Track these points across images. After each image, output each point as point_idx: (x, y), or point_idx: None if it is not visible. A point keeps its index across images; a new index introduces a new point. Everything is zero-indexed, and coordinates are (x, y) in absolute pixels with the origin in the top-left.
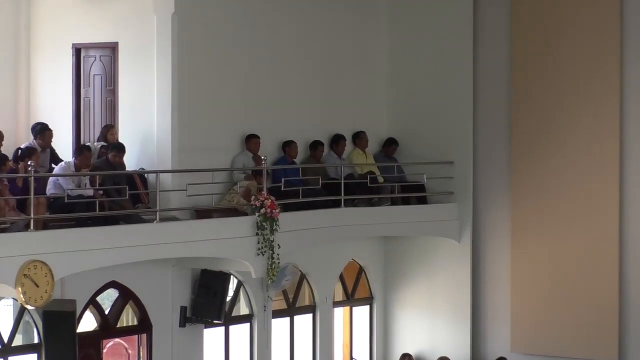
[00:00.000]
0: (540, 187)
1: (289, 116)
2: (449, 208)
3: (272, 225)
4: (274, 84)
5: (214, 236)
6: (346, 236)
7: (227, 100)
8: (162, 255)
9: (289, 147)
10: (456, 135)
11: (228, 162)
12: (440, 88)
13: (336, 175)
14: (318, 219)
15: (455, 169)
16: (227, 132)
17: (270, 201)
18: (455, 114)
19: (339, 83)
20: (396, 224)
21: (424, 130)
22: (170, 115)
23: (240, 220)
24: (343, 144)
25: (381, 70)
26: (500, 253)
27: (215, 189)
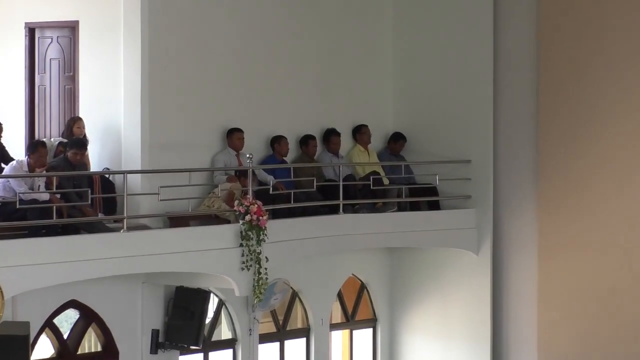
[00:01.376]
0: (572, 190)
1: (278, 108)
2: (466, 215)
3: (259, 234)
4: (261, 71)
5: (191, 247)
6: (345, 247)
7: (206, 90)
8: (130, 270)
9: (278, 143)
10: (474, 130)
11: (207, 162)
12: (456, 76)
13: (334, 176)
14: (313, 227)
15: (472, 169)
16: (206, 126)
17: (257, 207)
18: (472, 105)
19: (337, 70)
20: (404, 233)
21: (436, 124)
22: (140, 106)
23: (222, 229)
24: (336, 141)
25: (386, 55)
26: (525, 267)
27: (193, 192)
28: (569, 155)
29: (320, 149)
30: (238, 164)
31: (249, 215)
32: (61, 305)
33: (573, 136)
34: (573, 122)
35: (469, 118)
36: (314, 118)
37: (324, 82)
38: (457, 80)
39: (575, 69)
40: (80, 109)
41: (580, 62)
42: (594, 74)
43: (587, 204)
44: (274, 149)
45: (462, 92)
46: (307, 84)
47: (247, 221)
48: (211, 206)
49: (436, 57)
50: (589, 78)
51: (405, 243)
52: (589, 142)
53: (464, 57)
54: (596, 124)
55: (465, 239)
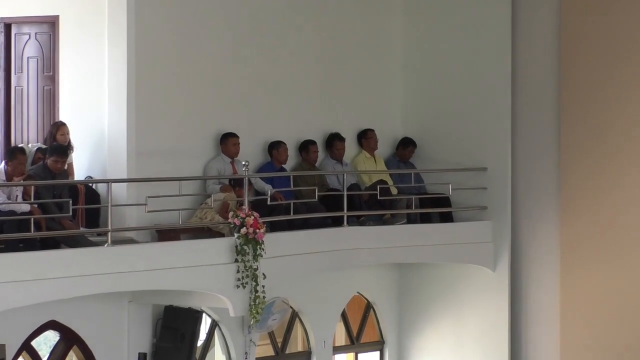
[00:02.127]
0: (597, 200)
1: (276, 111)
2: (481, 227)
3: (256, 249)
4: (258, 71)
5: (182, 263)
6: (350, 263)
7: (198, 92)
8: (115, 287)
9: (276, 149)
10: (490, 135)
11: (199, 169)
12: (470, 77)
13: (337, 185)
14: (314, 241)
15: (489, 178)
16: (198, 131)
17: (253, 219)
18: (489, 108)
19: (341, 70)
20: (414, 247)
21: (448, 129)
22: (126, 109)
23: (215, 243)
24: (340, 147)
25: (395, 54)
26: (546, 284)
27: (183, 203)
28: (592, 163)
29: (323, 155)
30: (233, 172)
31: (245, 228)
32: (40, 326)
33: (597, 142)
34: (597, 128)
35: (485, 122)
36: (315, 122)
37: (327, 83)
38: (472, 82)
39: (598, 72)
40: (61, 112)
41: (604, 65)
42: (618, 77)
43: (612, 215)
44: (272, 156)
45: (477, 94)
46: (308, 85)
47: (243, 234)
48: (203, 218)
49: (449, 57)
50: (613, 82)
51: (415, 258)
52: (614, 149)
53: (480, 57)
54: (621, 130)
55: (481, 253)
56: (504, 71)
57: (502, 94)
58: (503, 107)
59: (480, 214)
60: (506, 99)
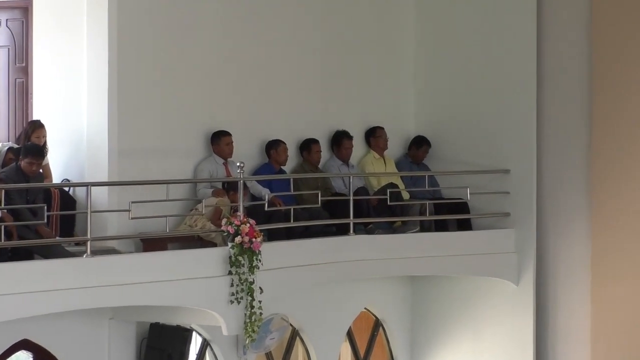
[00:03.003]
0: (633, 207)
1: (275, 107)
2: (504, 236)
3: (252, 260)
4: (254, 63)
5: (169, 276)
6: (357, 276)
7: (187, 86)
8: (94, 303)
9: (275, 149)
10: (513, 134)
11: (189, 172)
12: (491, 70)
13: (343, 189)
14: (317, 251)
15: (511, 181)
16: (187, 129)
17: (249, 226)
18: (511, 105)
19: (347, 62)
20: (428, 258)
21: (466, 127)
22: (107, 105)
23: (207, 253)
24: (348, 146)
25: (407, 45)
26: (575, 300)
27: (171, 208)
28: (626, 166)
29: (327, 155)
30: (226, 174)
31: (240, 236)
32: (11, 346)
33: (631, 143)
34: (631, 127)
35: (508, 120)
36: (318, 119)
37: (331, 75)
38: (493, 76)
39: (633, 65)
40: (35, 107)
41: (638, 59)
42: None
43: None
44: (269, 156)
45: (499, 89)
46: (310, 77)
47: (238, 244)
48: (193, 226)
49: (467, 49)
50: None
51: (429, 270)
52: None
53: (502, 49)
54: None
55: (503, 265)
56: (529, 64)
57: (527, 88)
58: (527, 103)
59: (502, 221)
60: (531, 95)
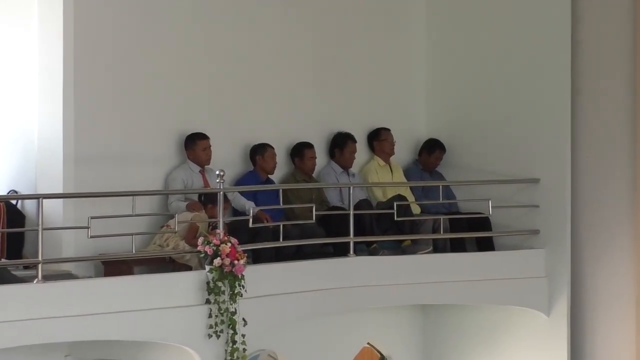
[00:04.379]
0: None
1: (261, 106)
2: (532, 258)
3: (234, 286)
4: (237, 57)
5: (135, 305)
6: (358, 305)
7: (156, 81)
8: (47, 338)
9: (261, 155)
10: (543, 137)
11: (159, 182)
12: (516, 63)
13: (341, 202)
14: (311, 276)
15: (541, 193)
16: (156, 131)
17: (231, 246)
18: (541, 104)
19: (346, 55)
20: (442, 284)
21: (486, 130)
22: (62, 104)
23: (180, 278)
24: (352, 149)
25: (417, 36)
26: (617, 335)
27: (138, 225)
28: None
29: (323, 162)
30: (203, 184)
31: (219, 258)
32: None
33: None
34: None
35: (536, 120)
36: (312, 120)
37: (327, 70)
38: (517, 69)
39: None
40: None
41: None
42: None
43: None
44: (255, 163)
45: (525, 86)
46: (302, 71)
47: (217, 267)
48: (164, 245)
49: (487, 38)
50: None
51: (443, 299)
52: None
53: (529, 39)
54: None
55: (531, 292)
56: (562, 56)
57: (559, 85)
58: (560, 101)
59: (530, 239)
60: (564, 92)
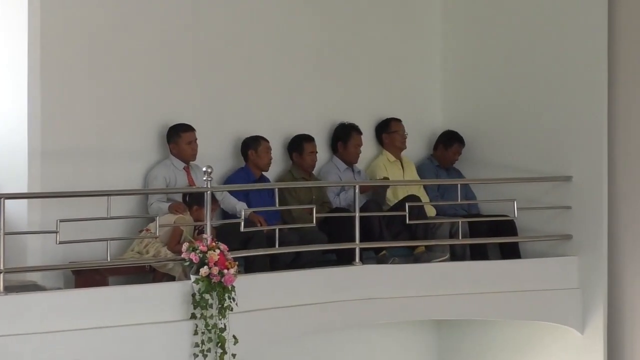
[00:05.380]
0: None
1: (254, 94)
2: (564, 267)
3: (223, 299)
4: (226, 37)
5: (110, 321)
6: (365, 320)
7: (134, 68)
8: (11, 357)
9: (254, 149)
10: (575, 129)
11: (138, 180)
12: (542, 46)
13: (345, 202)
14: (311, 287)
15: (574, 192)
16: (134, 123)
17: (220, 253)
18: (572, 90)
19: (350, 37)
20: (460, 297)
21: (509, 121)
22: (27, 94)
23: (162, 290)
24: (359, 142)
25: (431, 14)
26: None
27: (114, 229)
28: None
29: (324, 158)
30: (188, 182)
31: (207, 267)
32: None
33: None
34: None
35: (567, 110)
36: (312, 110)
37: (331, 55)
38: (548, 55)
39: None
40: None
41: None
42: None
43: None
44: (247, 159)
45: (555, 71)
46: (301, 55)
47: (204, 277)
48: (144, 252)
49: (514, 19)
50: None
51: (462, 313)
52: None
53: (560, 19)
54: None
55: (563, 306)
56: (598, 37)
57: (595, 69)
58: (596, 88)
59: (561, 245)
60: (600, 77)
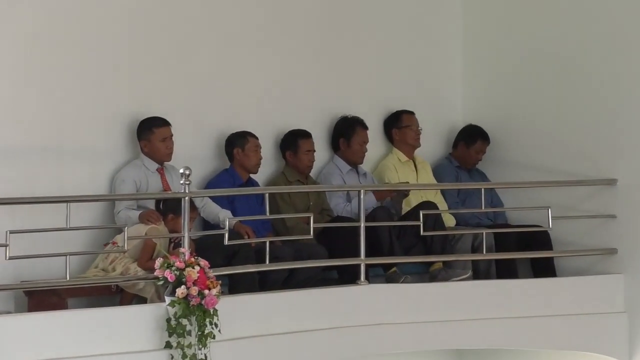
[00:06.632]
0: None
1: (240, 83)
2: (607, 286)
3: (204, 324)
4: (210, 17)
5: (70, 350)
6: (372, 349)
7: (97, 51)
8: None
9: (240, 147)
10: (619, 126)
11: (103, 183)
12: (584, 35)
13: (348, 211)
14: (308, 310)
15: (619, 198)
16: (98, 117)
17: (200, 270)
18: (618, 84)
19: (359, 21)
20: (484, 322)
21: (541, 116)
22: None
23: (132, 314)
24: (363, 137)
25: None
26: None
27: (74, 242)
28: None
29: (324, 158)
30: (163, 187)
31: (184, 286)
32: None
33: None
34: None
35: (611, 104)
36: (309, 101)
37: (331, 38)
38: (588, 39)
39: None
40: None
41: None
42: None
43: None
44: (232, 159)
45: (596, 58)
46: (298, 39)
47: (181, 299)
48: (109, 270)
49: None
50: None
51: (487, 341)
52: None
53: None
54: None
55: (606, 333)
56: None
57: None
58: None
59: (604, 262)
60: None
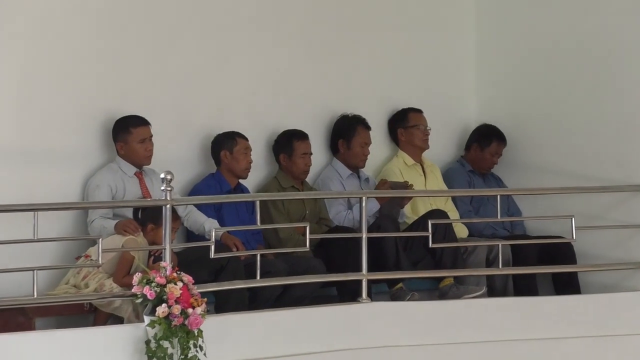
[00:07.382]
0: None
1: (228, 78)
2: (637, 304)
3: (187, 347)
4: (194, 5)
5: None
6: None
7: (69, 45)
8: None
9: (228, 150)
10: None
11: (75, 190)
12: (612, 27)
13: (348, 220)
14: (305, 330)
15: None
16: (71, 117)
17: (183, 287)
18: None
19: (362, 11)
20: (502, 344)
21: (563, 115)
22: None
23: (107, 335)
24: (365, 138)
25: None
26: None
27: (42, 255)
28: None
29: (323, 160)
30: (142, 193)
31: (165, 305)
32: None
33: None
34: None
35: (636, 105)
36: (305, 99)
37: (330, 30)
38: (615, 31)
39: None
40: None
41: None
42: None
43: None
44: (219, 162)
45: (620, 54)
46: (293, 31)
47: (161, 318)
48: (81, 286)
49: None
50: None
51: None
52: None
53: None
54: None
55: (636, 357)
56: None
57: None
58: None
59: (632, 277)
60: None
